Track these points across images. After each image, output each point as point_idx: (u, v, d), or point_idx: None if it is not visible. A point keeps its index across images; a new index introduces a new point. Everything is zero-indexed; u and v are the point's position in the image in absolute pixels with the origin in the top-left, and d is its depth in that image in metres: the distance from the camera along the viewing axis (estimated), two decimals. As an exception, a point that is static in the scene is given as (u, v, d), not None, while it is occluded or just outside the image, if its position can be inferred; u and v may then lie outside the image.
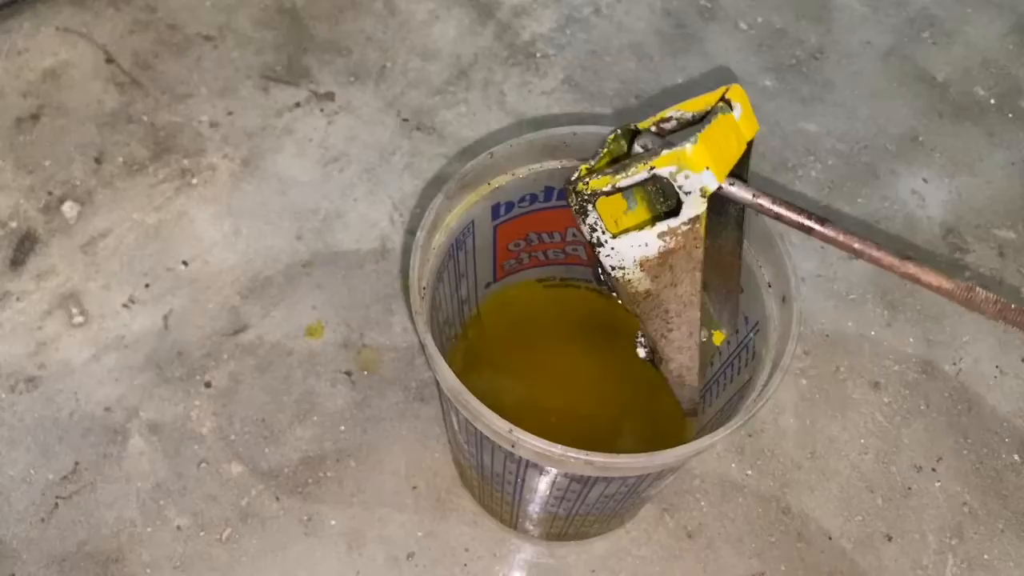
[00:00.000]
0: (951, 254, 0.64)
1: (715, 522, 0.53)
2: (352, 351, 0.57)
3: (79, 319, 0.57)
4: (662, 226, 0.35)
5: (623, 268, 0.37)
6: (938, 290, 0.34)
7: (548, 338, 0.54)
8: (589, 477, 0.38)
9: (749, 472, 0.55)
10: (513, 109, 0.68)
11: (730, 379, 0.45)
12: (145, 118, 0.65)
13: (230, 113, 0.66)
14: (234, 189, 0.63)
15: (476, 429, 0.38)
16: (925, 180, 0.67)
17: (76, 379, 0.55)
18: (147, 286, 0.59)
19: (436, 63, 0.69)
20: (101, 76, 0.67)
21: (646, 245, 0.36)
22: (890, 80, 0.72)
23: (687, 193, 0.34)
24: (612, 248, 0.37)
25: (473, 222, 0.45)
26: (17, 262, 0.59)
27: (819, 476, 0.55)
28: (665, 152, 0.33)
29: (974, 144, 0.69)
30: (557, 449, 0.35)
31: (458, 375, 0.36)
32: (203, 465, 0.53)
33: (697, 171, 0.33)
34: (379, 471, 0.53)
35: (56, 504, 0.51)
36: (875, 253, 0.34)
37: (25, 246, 0.59)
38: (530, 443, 0.35)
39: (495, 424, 0.35)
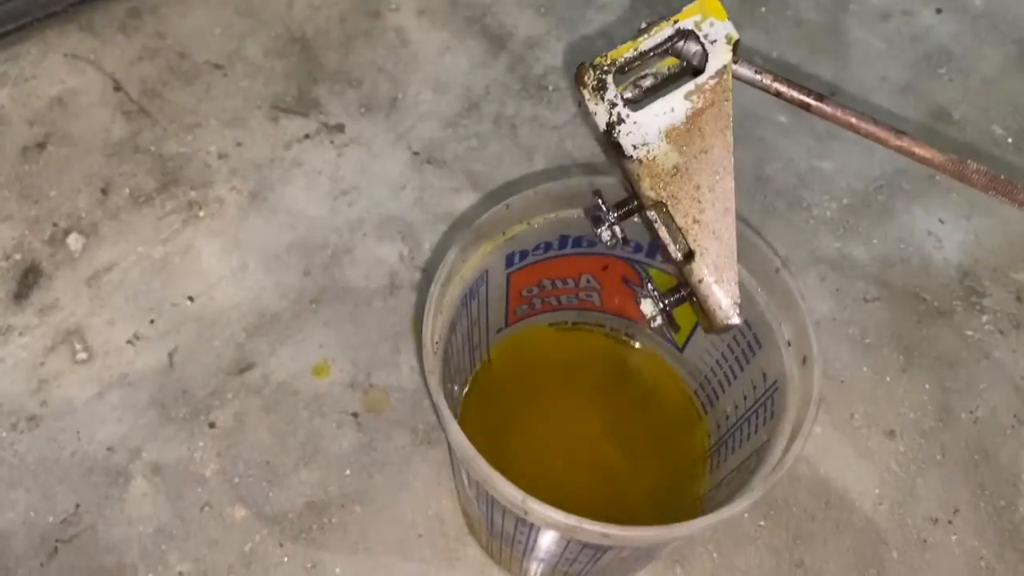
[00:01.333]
0: (967, 297, 0.63)
1: (727, 574, 0.52)
2: (359, 391, 0.56)
3: (83, 355, 0.56)
4: (688, 86, 0.34)
5: (647, 144, 0.35)
6: (930, 163, 0.35)
7: (560, 382, 0.53)
8: (603, 544, 0.37)
9: (762, 523, 0.54)
10: (524, 143, 0.67)
11: (747, 436, 0.44)
12: (153, 148, 0.64)
13: (239, 144, 0.65)
14: (242, 222, 0.62)
15: (487, 492, 0.37)
16: (942, 221, 0.66)
17: (78, 418, 0.54)
18: (152, 322, 0.58)
19: (447, 95, 0.69)
20: (109, 104, 0.66)
21: (672, 111, 0.34)
22: (906, 117, 0.71)
23: (712, 42, 0.33)
24: (635, 123, 0.34)
25: (487, 271, 0.44)
26: (21, 295, 0.58)
27: (833, 528, 0.54)
28: (686, 6, 0.34)
29: (991, 184, 0.68)
30: (572, 520, 0.34)
31: (468, 423, 0.36)
32: (206, 508, 0.52)
33: (722, 18, 0.33)
34: (385, 517, 0.52)
35: (56, 548, 0.50)
36: (871, 128, 0.35)
37: (29, 279, 0.59)
38: (544, 513, 0.34)
39: (508, 493, 0.34)
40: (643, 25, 0.36)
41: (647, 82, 0.37)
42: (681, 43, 0.36)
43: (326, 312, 0.59)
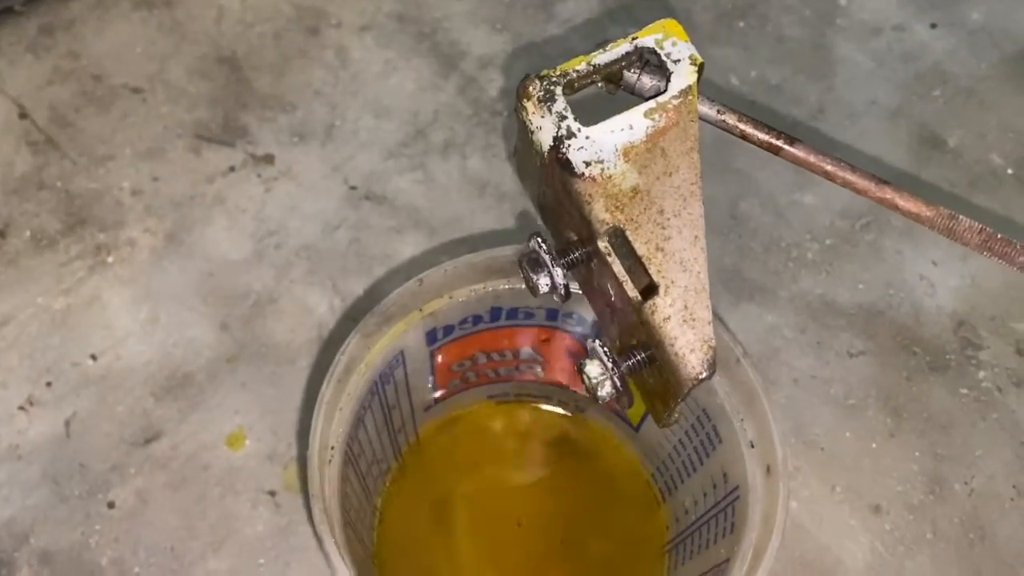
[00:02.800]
0: (963, 350, 0.57)
1: None
2: (278, 465, 0.50)
3: (-32, 424, 0.50)
4: (649, 104, 0.30)
5: (601, 162, 0.30)
6: (917, 217, 0.31)
7: (500, 460, 0.47)
8: None
9: (729, 619, 0.48)
10: (475, 176, 0.60)
11: (707, 543, 0.38)
12: (59, 184, 0.58)
13: (155, 179, 0.58)
14: (154, 269, 0.55)
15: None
16: (934, 263, 0.60)
17: (-41, 497, 0.48)
18: (49, 384, 0.52)
19: (391, 121, 0.62)
20: (12, 133, 0.60)
21: (631, 128, 0.30)
22: (897, 144, 0.64)
23: (676, 62, 0.30)
24: (587, 137, 0.30)
25: (402, 352, 0.38)
26: (-99, 355, 0.52)
27: (810, 620, 0.48)
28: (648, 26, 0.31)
29: (989, 221, 0.62)
30: None
31: (394, 517, 0.30)
32: (100, 604, 0.46)
33: (684, 39, 0.31)
34: (302, 614, 0.46)
35: (-76, 653, 0.44)
36: (849, 176, 0.31)
37: (-88, 335, 0.52)
38: None
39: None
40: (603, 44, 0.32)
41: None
42: (634, 74, 0.31)
43: (244, 372, 0.53)
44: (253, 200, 0.58)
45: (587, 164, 0.30)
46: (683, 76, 0.30)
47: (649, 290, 0.30)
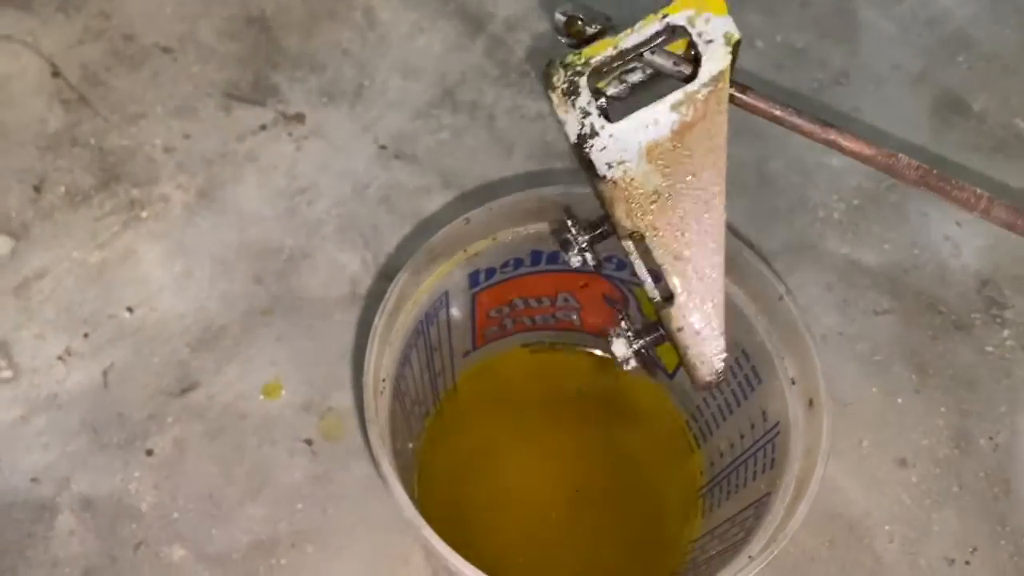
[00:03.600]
0: (987, 309, 0.57)
1: (720, 624, 0.47)
2: (314, 415, 0.51)
3: (7, 373, 0.51)
4: (676, 95, 0.29)
5: (624, 163, 0.30)
6: (859, 156, 0.33)
7: (536, 409, 0.48)
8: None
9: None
10: (503, 136, 0.61)
11: (744, 482, 0.39)
12: (92, 141, 0.58)
13: (187, 136, 0.59)
14: (188, 224, 0.56)
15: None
16: (959, 224, 0.60)
17: (0, 444, 0.49)
18: (86, 336, 0.52)
19: (419, 82, 0.63)
20: (45, 92, 0.60)
21: (656, 123, 0.29)
22: (921, 109, 0.65)
23: (708, 42, 0.29)
24: (611, 136, 0.29)
25: (447, 293, 0.39)
26: (-60, 306, 0.52)
27: (838, 569, 0.49)
28: None
29: (1014, 182, 0.62)
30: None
31: (432, 460, 0.31)
32: (141, 547, 0.47)
33: (720, 12, 0.28)
34: (340, 560, 0.47)
35: (-30, 594, 0.45)
36: (796, 120, 0.32)
37: (-50, 287, 0.53)
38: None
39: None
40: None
41: (635, 76, 0.32)
42: (659, 56, 0.30)
43: (279, 325, 0.53)
44: (284, 158, 0.59)
45: (609, 166, 0.29)
46: (716, 59, 0.29)
47: (668, 298, 0.31)
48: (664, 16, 0.29)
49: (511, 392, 0.47)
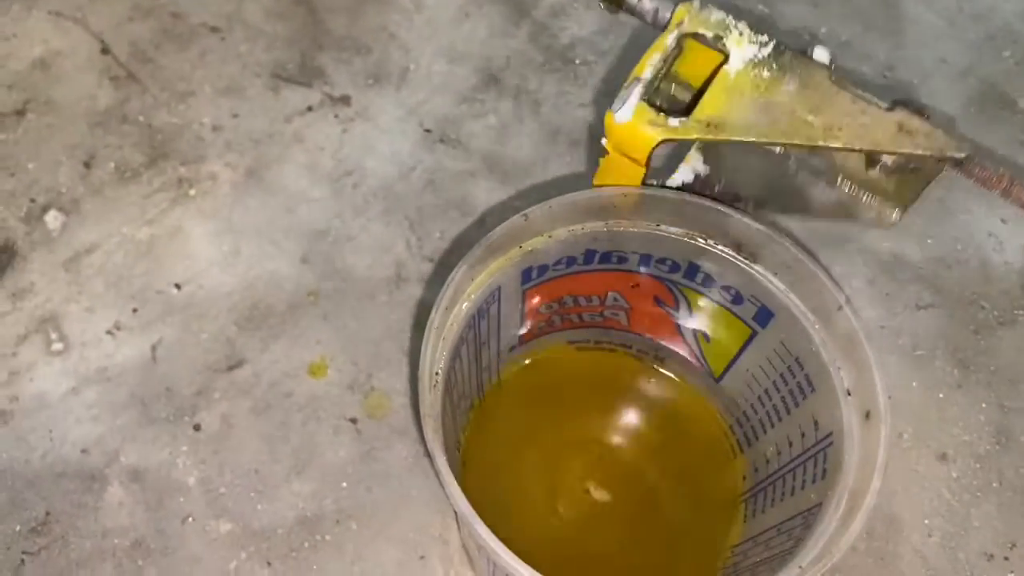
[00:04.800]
0: (1030, 307, 0.57)
1: (759, 611, 0.47)
2: (359, 394, 0.51)
3: (58, 346, 0.51)
4: None
5: None
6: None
7: (577, 407, 0.48)
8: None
9: (799, 555, 0.49)
10: (548, 122, 0.61)
11: (791, 490, 0.39)
12: (141, 118, 0.59)
13: (235, 115, 0.59)
14: (235, 203, 0.56)
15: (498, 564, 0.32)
16: (1003, 220, 0.60)
17: (51, 415, 0.50)
18: (135, 311, 0.53)
19: (464, 66, 0.63)
20: (95, 68, 0.60)
21: None
22: (967, 104, 0.64)
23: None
24: None
25: (499, 288, 0.39)
26: (-7, 278, 0.53)
27: (876, 561, 0.49)
28: None
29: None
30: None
31: (473, 453, 0.31)
32: (188, 521, 0.47)
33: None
34: (383, 537, 0.47)
35: (22, 560, 0.46)
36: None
37: (2, 260, 0.54)
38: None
39: (519, 572, 0.29)
40: None
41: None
42: None
43: (325, 305, 0.54)
44: (330, 140, 0.59)
45: None
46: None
47: None
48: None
49: (554, 389, 0.47)
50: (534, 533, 0.41)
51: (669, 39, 0.36)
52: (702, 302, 0.42)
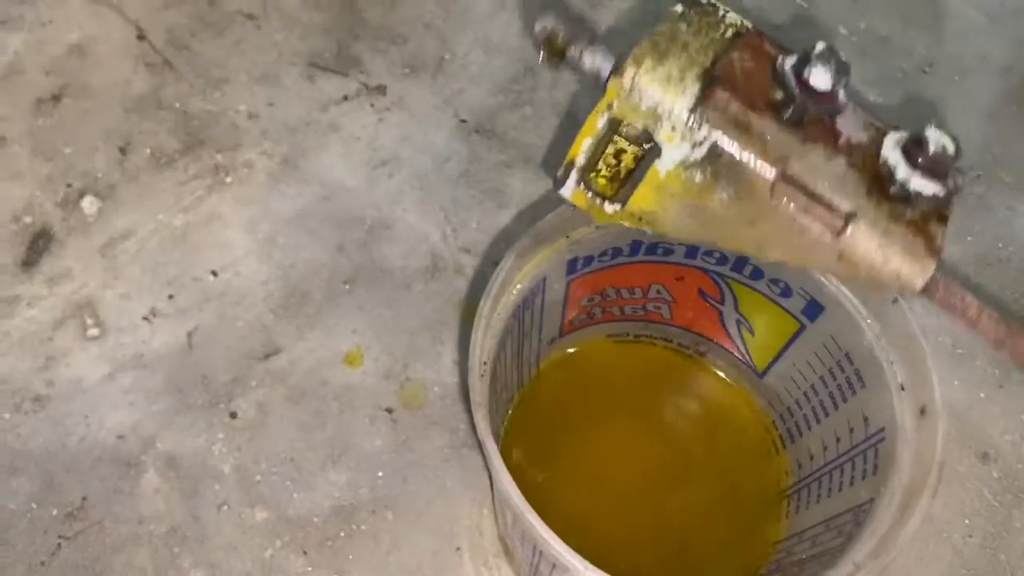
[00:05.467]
0: (1073, 307, 0.56)
1: (797, 609, 0.47)
2: (394, 384, 0.51)
3: (94, 331, 0.51)
4: None
5: None
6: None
7: (617, 401, 0.48)
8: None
9: (839, 554, 0.48)
10: (584, 113, 0.60)
11: (839, 487, 0.38)
12: (177, 105, 0.59)
13: (271, 104, 0.59)
14: (271, 191, 0.56)
15: (537, 546, 0.32)
16: (1045, 219, 0.59)
17: (88, 400, 0.49)
18: (171, 297, 0.53)
19: (501, 57, 0.62)
20: (131, 54, 0.60)
21: None
22: (1009, 101, 0.64)
23: None
24: None
25: (545, 279, 0.39)
26: (29, 262, 0.53)
27: (916, 561, 0.48)
28: None
29: (1101, 180, 0.61)
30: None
31: (513, 445, 0.31)
32: (224, 508, 0.47)
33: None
34: (419, 527, 0.47)
35: (59, 545, 0.46)
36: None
37: (39, 245, 0.54)
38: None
39: (570, 562, 0.29)
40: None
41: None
42: (577, 51, 0.32)
43: (361, 294, 0.53)
44: (366, 129, 0.59)
45: None
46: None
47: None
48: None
49: (594, 382, 0.47)
50: (573, 526, 0.41)
51: (600, 123, 0.33)
52: (749, 295, 0.41)
